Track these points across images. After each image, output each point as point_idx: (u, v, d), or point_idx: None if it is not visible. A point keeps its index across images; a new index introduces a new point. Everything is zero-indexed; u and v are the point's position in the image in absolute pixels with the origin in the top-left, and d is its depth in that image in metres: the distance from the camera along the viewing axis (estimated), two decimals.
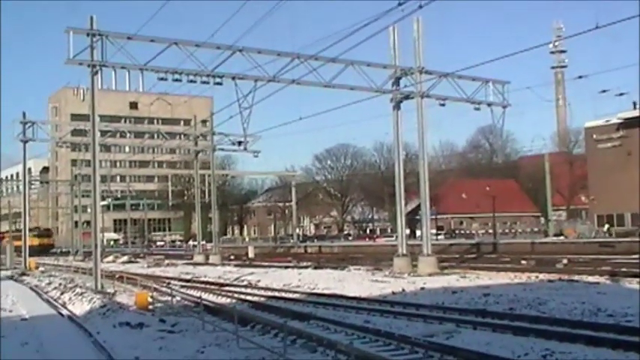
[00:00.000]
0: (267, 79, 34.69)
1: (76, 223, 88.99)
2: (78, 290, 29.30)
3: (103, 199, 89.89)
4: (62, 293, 29.84)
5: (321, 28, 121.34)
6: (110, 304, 23.86)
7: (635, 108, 73.63)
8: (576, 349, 13.30)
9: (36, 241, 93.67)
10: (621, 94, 67.76)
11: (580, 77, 38.61)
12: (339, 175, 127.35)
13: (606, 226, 74.87)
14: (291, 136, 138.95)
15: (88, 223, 58.96)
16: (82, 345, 15.38)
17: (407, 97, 38.39)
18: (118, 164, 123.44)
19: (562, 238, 66.85)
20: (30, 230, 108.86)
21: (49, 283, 36.02)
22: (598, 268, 33.15)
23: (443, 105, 38.65)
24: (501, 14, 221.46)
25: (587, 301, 20.45)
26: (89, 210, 39.44)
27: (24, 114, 53.71)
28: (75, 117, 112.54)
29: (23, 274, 46.67)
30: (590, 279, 28.17)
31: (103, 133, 56.81)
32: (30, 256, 55.62)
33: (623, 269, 32.01)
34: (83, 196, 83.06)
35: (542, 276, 30.29)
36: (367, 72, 36.75)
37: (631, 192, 69.89)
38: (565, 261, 38.58)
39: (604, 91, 63.77)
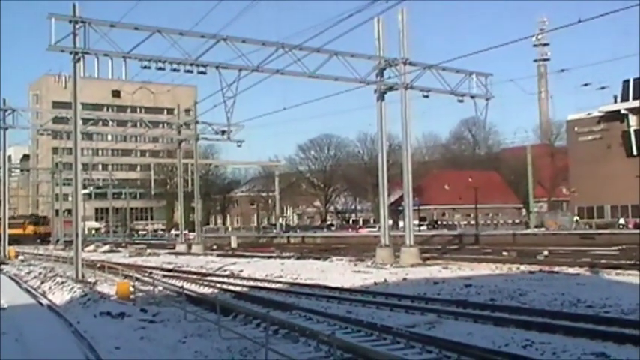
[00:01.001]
0: (251, 69, 34.58)
1: (57, 211, 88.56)
2: (58, 279, 29.17)
3: (85, 187, 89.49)
4: (42, 282, 29.71)
5: (305, 18, 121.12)
6: (91, 293, 23.77)
7: (615, 101, 74.12)
8: (556, 340, 13.41)
9: (31, 230, 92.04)
10: (602, 88, 68.44)
11: (562, 70, 39.00)
12: (322, 166, 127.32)
13: (575, 218, 75.60)
14: (275, 126, 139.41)
15: (70, 211, 58.64)
16: (62, 335, 15.31)
17: (391, 88, 38.39)
18: (100, 153, 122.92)
19: (543, 229, 67.31)
20: (26, 218, 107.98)
21: (29, 272, 35.84)
22: (578, 260, 33.39)
23: (427, 96, 38.68)
24: (485, 7, 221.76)
25: (567, 292, 20.62)
26: (70, 198, 39.14)
27: (4, 101, 53.27)
28: (56, 104, 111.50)
29: (2, 262, 46.28)
30: (570, 270, 28.36)
31: (85, 121, 56.27)
32: (27, 244, 55.13)
33: (603, 261, 32.31)
34: (64, 184, 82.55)
35: (523, 267, 30.47)
36: (351, 63, 36.74)
37: (611, 184, 70.44)
38: (546, 252, 38.82)
39: (586, 85, 64.34)
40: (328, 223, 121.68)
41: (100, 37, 31.12)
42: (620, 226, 65.74)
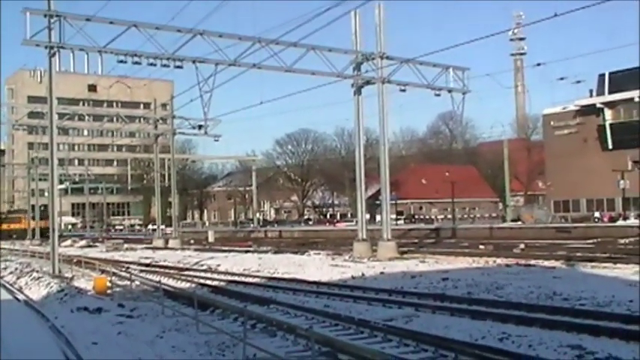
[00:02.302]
0: (228, 63, 34.48)
1: (33, 207, 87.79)
2: (35, 275, 28.98)
3: (61, 182, 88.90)
4: (18, 278, 29.50)
5: (282, 13, 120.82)
6: (68, 288, 23.63)
7: (591, 96, 74.72)
8: (532, 332, 13.52)
9: (40, 224, 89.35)
10: (578, 82, 68.93)
11: (539, 65, 39.11)
12: (299, 160, 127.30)
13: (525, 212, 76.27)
14: (252, 120, 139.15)
15: (46, 207, 58.23)
16: (39, 330, 15.21)
17: (368, 82, 38.44)
18: (76, 147, 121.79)
19: (519, 223, 67.78)
20: (24, 212, 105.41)
21: (5, 268, 35.53)
22: (554, 253, 33.70)
23: (404, 91, 38.81)
24: (462, 1, 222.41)
25: (543, 285, 20.78)
26: (47, 194, 38.87)
27: None
28: (32, 99, 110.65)
29: None
30: (547, 263, 28.61)
31: (61, 115, 56.00)
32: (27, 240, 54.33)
33: (579, 254, 32.62)
34: (40, 179, 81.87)
35: (499, 260, 30.69)
36: (328, 57, 36.70)
37: (587, 178, 71.06)
38: (522, 246, 39.14)
39: (562, 79, 64.79)
40: (306, 217, 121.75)
41: (76, 31, 30.89)
42: (596, 220, 66.38)
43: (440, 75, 39.63)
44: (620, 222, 58.24)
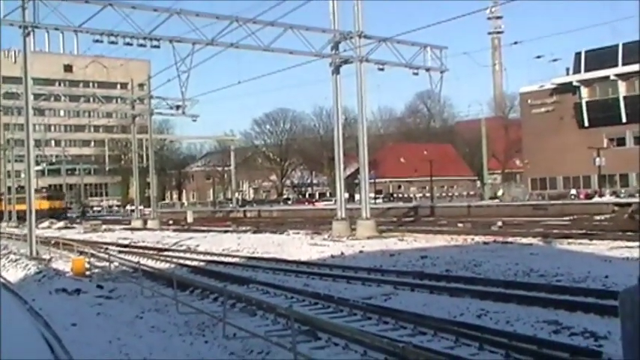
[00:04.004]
0: (206, 43, 34.29)
1: (9, 188, 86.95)
2: (12, 257, 28.81)
3: (38, 164, 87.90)
4: None
5: None
6: (46, 270, 23.54)
7: (568, 74, 75.10)
8: (510, 309, 13.67)
9: (46, 205, 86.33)
10: (555, 60, 69.22)
11: (515, 43, 39.29)
12: (278, 140, 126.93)
13: (500, 191, 76.99)
14: (230, 100, 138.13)
15: (22, 188, 57.76)
16: (16, 312, 15.14)
17: (346, 61, 38.40)
18: (52, 128, 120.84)
19: (497, 201, 68.22)
20: (37, 192, 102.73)
21: None
22: (531, 230, 34.02)
23: (382, 70, 38.82)
24: None
25: (521, 262, 20.99)
26: (23, 175, 38.56)
27: None
28: (6, 79, 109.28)
29: None
30: (524, 241, 28.86)
31: (37, 96, 55.43)
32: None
33: (555, 231, 32.94)
34: (16, 161, 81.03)
35: (477, 238, 30.90)
36: (306, 36, 36.61)
37: (563, 156, 71.57)
38: (500, 223, 39.43)
39: (539, 57, 64.94)
40: (284, 197, 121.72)
41: (50, 10, 30.56)
42: (572, 197, 66.97)
43: (418, 54, 39.67)
44: (596, 199, 58.77)
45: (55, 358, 10.34)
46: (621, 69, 68.64)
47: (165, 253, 31.03)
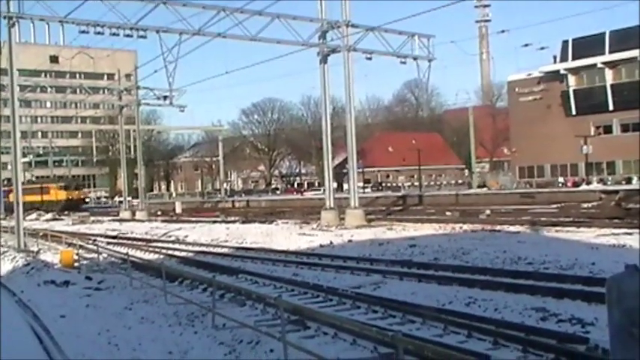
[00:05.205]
0: (193, 33, 34.18)
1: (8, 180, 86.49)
2: (0, 250, 28.66)
3: (25, 155, 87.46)
4: None
5: None
6: (34, 262, 23.49)
7: (555, 62, 75.20)
8: (498, 296, 13.75)
9: (63, 195, 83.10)
10: (542, 49, 69.04)
11: (503, 32, 39.29)
12: (266, 130, 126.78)
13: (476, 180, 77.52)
14: (218, 90, 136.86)
15: (9, 180, 57.49)
16: (5, 304, 15.11)
17: (334, 50, 38.35)
18: (39, 120, 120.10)
19: (485, 189, 68.38)
20: (52, 181, 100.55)
21: None
22: (519, 218, 34.16)
23: (369, 59, 38.78)
24: None
25: (508, 250, 21.09)
26: (10, 167, 38.42)
27: None
28: None
29: None
30: (512, 229, 29.00)
31: (23, 87, 55.08)
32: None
33: (543, 219, 33.08)
34: (3, 152, 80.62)
35: (465, 227, 31.02)
36: (294, 25, 36.56)
37: (551, 144, 71.78)
38: (488, 212, 39.58)
39: (526, 45, 64.77)
40: (273, 186, 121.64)
41: (36, 1, 30.39)
42: (560, 185, 67.19)
43: (405, 43, 39.66)
44: (583, 187, 59.02)
45: (44, 350, 10.34)
46: (608, 57, 68.71)
47: (154, 244, 30.99)
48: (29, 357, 9.61)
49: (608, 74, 70.05)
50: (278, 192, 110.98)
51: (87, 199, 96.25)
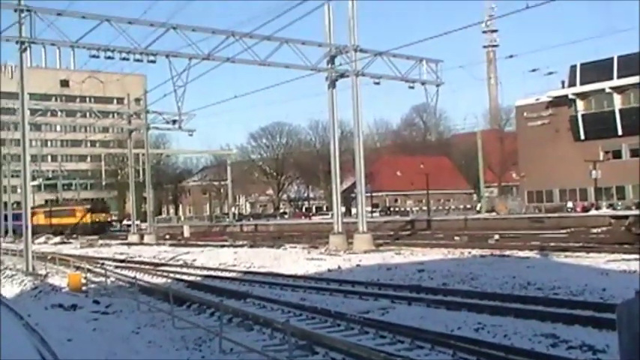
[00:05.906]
0: (202, 57, 34.36)
1: (6, 204, 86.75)
2: (8, 272, 28.73)
3: (34, 179, 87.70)
4: None
5: (255, 5, 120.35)
6: (42, 285, 23.47)
7: (563, 87, 75.23)
8: (507, 322, 13.64)
9: (89, 219, 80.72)
10: (550, 73, 69.23)
11: (511, 56, 39.21)
12: (274, 154, 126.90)
13: (479, 205, 77.45)
14: (227, 114, 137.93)
15: (19, 203, 57.62)
16: (12, 328, 15.08)
17: (342, 75, 38.48)
18: (49, 143, 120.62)
19: (494, 214, 68.16)
20: (79, 204, 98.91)
21: None
22: (528, 243, 33.99)
23: (378, 84, 38.88)
24: None
25: (518, 275, 20.95)
26: (19, 190, 38.53)
27: None
28: (3, 95, 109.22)
29: None
30: (521, 254, 28.83)
31: (33, 111, 55.38)
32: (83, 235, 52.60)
33: (552, 244, 32.92)
34: (13, 176, 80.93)
35: (474, 251, 30.87)
36: (302, 50, 36.73)
37: (559, 168, 71.61)
38: (497, 236, 39.39)
39: (534, 70, 65.05)
40: (281, 211, 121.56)
41: (47, 25, 30.62)
42: (569, 210, 66.92)
43: (413, 67, 39.79)
44: (593, 212, 58.77)
45: None
46: (617, 82, 68.73)
47: (162, 267, 30.96)
48: None
49: (617, 99, 70.00)
50: (286, 216, 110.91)
51: (113, 223, 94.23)
